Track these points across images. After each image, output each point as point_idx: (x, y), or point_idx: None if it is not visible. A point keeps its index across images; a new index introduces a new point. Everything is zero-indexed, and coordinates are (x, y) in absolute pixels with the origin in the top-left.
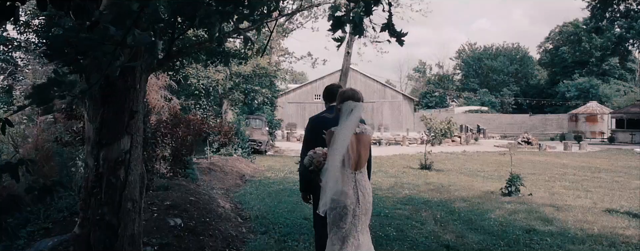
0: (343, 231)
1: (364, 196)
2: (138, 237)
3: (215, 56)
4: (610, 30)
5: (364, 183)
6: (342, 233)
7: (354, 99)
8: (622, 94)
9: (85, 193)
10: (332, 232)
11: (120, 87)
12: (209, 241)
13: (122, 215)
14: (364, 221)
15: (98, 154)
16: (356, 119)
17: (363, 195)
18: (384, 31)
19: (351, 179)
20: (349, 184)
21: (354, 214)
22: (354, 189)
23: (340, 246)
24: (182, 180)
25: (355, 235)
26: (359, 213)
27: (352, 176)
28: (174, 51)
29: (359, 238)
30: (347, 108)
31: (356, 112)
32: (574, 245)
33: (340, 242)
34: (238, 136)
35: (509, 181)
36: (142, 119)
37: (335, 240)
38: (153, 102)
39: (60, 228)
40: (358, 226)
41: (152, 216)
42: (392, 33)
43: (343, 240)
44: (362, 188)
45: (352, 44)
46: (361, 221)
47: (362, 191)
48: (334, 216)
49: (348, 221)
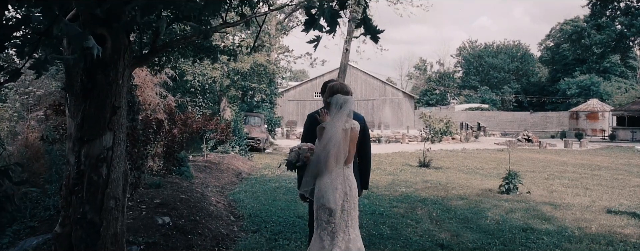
0: (332, 226)
1: (351, 190)
2: (121, 236)
3: (203, 51)
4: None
5: (351, 178)
6: (331, 228)
7: (342, 93)
8: (623, 91)
9: (66, 191)
10: (320, 228)
11: (101, 82)
12: (197, 240)
13: (104, 214)
14: (354, 216)
15: (79, 150)
16: (345, 114)
17: (350, 190)
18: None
19: (340, 175)
20: (338, 179)
21: (343, 208)
22: (342, 184)
23: (330, 241)
24: (176, 178)
25: (345, 230)
26: (348, 207)
27: (341, 171)
28: (159, 46)
29: (350, 232)
30: (336, 102)
31: (346, 106)
32: (571, 244)
33: (329, 237)
34: (235, 133)
35: (507, 179)
36: (126, 115)
37: (325, 236)
38: (148, 99)
39: (46, 226)
40: (348, 221)
41: (140, 215)
42: (368, 29)
43: (333, 235)
44: (350, 183)
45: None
46: (351, 215)
47: (350, 185)
48: (324, 212)
49: (337, 216)
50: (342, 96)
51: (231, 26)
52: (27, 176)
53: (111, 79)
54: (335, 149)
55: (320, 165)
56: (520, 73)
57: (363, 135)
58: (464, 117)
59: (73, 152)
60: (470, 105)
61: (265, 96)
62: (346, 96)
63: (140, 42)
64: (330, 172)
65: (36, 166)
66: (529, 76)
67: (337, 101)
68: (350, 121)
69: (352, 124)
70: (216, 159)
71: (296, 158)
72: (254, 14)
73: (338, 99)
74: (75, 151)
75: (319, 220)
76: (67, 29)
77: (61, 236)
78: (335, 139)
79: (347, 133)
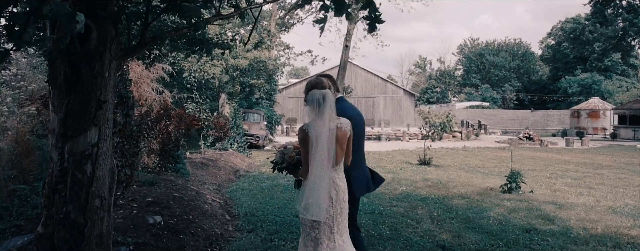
0: (316, 231)
1: (338, 194)
2: (107, 237)
3: (196, 44)
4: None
5: (338, 181)
6: (314, 234)
7: (318, 87)
8: (625, 90)
9: (48, 190)
10: (304, 233)
11: (86, 74)
12: (190, 241)
13: (88, 213)
14: (341, 222)
15: (63, 147)
16: (327, 111)
17: (337, 193)
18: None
19: (325, 178)
20: (323, 183)
21: (327, 213)
22: (327, 188)
23: (313, 248)
24: (171, 175)
25: (330, 236)
26: (334, 213)
27: (327, 174)
28: (148, 37)
29: (335, 239)
30: (312, 99)
31: (326, 102)
32: (577, 245)
33: (313, 244)
34: (234, 130)
35: (509, 178)
36: (115, 110)
37: (308, 242)
38: (144, 94)
39: (33, 225)
40: (333, 227)
41: (131, 214)
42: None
43: (316, 242)
44: (336, 187)
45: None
46: (337, 221)
47: (336, 189)
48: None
49: (322, 222)
50: (318, 91)
51: (225, 18)
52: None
53: (97, 71)
54: (320, 153)
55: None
56: (521, 71)
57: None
58: (464, 115)
59: (56, 148)
60: (471, 103)
61: (265, 93)
62: (323, 91)
63: (128, 33)
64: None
65: (26, 163)
66: (530, 74)
67: (312, 97)
68: (334, 119)
69: (338, 123)
70: (214, 156)
71: (281, 159)
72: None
73: (314, 95)
74: (58, 148)
75: (303, 224)
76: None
77: (43, 237)
78: (321, 142)
79: (333, 133)
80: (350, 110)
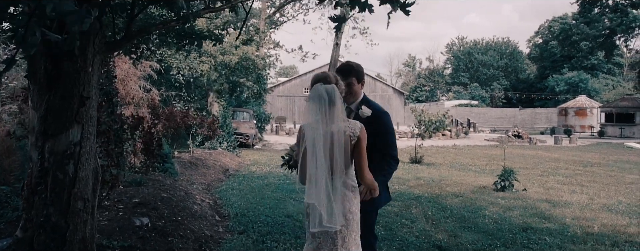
0: (317, 241)
1: (344, 205)
2: (90, 241)
3: (186, 37)
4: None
5: (343, 190)
6: (316, 244)
7: (325, 82)
8: (611, 88)
9: (28, 191)
10: (307, 241)
11: (68, 69)
12: (178, 243)
13: (70, 216)
14: (348, 235)
15: (43, 146)
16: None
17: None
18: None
19: (324, 185)
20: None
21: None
22: (328, 197)
23: None
24: (159, 175)
25: (332, 249)
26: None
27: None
28: (134, 31)
29: None
30: (314, 94)
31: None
32: (575, 244)
33: None
34: (223, 128)
35: (502, 176)
36: (98, 107)
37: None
38: (131, 92)
39: (13, 228)
40: (337, 240)
41: (117, 215)
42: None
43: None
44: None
45: (340, 35)
46: (342, 234)
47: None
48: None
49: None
50: (322, 86)
51: (215, 11)
52: None
53: (79, 66)
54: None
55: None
56: (509, 70)
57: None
58: (453, 114)
59: (36, 147)
60: (460, 101)
61: (254, 92)
62: (328, 86)
63: (113, 26)
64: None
65: (7, 163)
66: (517, 73)
67: (315, 92)
68: (339, 120)
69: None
70: (203, 155)
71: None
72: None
73: (317, 90)
74: (38, 147)
75: (307, 231)
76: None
77: (22, 242)
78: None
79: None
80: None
